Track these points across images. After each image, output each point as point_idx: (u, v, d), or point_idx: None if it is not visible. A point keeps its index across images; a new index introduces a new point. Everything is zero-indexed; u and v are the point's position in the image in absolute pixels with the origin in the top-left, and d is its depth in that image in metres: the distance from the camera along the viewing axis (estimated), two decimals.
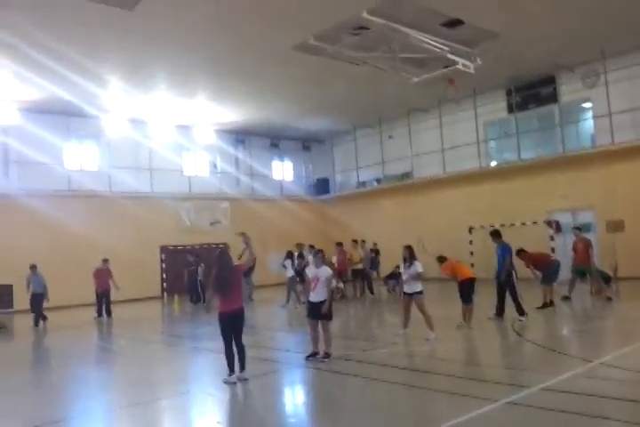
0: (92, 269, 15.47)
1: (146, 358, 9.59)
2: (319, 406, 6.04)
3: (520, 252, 11.70)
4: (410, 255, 9.48)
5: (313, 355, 7.93)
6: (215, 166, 24.05)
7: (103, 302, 15.14)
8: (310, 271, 8.11)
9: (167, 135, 21.82)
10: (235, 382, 6.82)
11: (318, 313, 7.90)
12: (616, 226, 15.06)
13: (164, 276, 21.40)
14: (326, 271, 8.01)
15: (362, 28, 13.57)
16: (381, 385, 6.58)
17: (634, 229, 15.32)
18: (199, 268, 17.65)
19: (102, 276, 15.15)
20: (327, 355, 7.90)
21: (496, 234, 11.04)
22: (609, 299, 12.14)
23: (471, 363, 7.95)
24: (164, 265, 21.46)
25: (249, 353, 7.20)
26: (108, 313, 15.11)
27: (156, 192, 21.39)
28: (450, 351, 8.39)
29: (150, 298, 20.41)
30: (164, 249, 21.57)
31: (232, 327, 6.99)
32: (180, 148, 22.65)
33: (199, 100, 19.39)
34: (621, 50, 16.40)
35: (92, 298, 15.54)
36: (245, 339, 7.21)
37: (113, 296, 15.57)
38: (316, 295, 7.93)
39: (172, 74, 16.42)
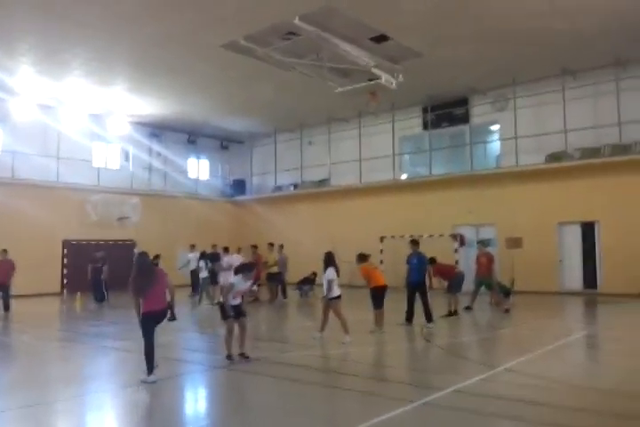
0: None
1: (51, 355, 9.12)
2: (233, 407, 6.01)
3: (432, 261, 12.30)
4: (325, 262, 9.68)
5: (229, 357, 7.89)
6: (127, 159, 23.16)
7: (0, 295, 14.08)
8: (240, 284, 8.02)
9: (78, 123, 20.77)
10: (155, 381, 6.66)
11: (239, 313, 7.92)
12: (515, 243, 16.21)
13: (65, 271, 20.26)
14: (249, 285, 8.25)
15: (293, 33, 13.73)
16: (298, 386, 6.68)
17: (530, 246, 16.57)
18: (105, 265, 16.87)
19: (2, 267, 14.08)
20: (245, 356, 7.91)
21: (415, 243, 11.58)
22: (507, 310, 13.02)
23: (385, 366, 8.26)
24: (65, 260, 20.31)
25: (162, 354, 7.04)
26: (6, 307, 14.07)
27: (61, 182, 20.27)
28: (364, 354, 8.67)
29: (49, 294, 19.24)
30: (66, 243, 20.43)
31: (155, 326, 6.87)
32: (92, 137, 21.60)
33: (116, 90, 18.64)
34: (531, 78, 17.77)
35: None
36: (158, 339, 7.06)
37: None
38: (236, 300, 7.98)
39: (89, 60, 15.69)
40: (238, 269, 8.15)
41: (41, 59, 15.48)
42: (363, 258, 10.76)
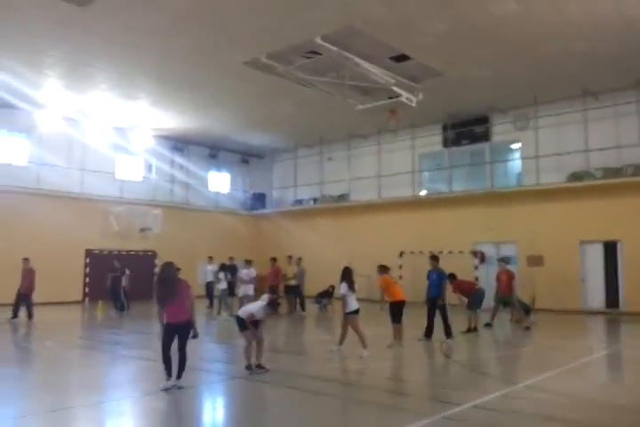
0: (11, 268, 14.67)
1: (73, 362, 9.26)
2: (251, 417, 6.06)
3: (451, 277, 12.28)
4: (341, 276, 9.72)
5: (249, 367, 7.96)
6: (150, 172, 23.56)
7: (21, 303, 14.34)
8: (258, 314, 8.06)
9: (103, 136, 21.20)
10: (171, 387, 6.75)
11: (257, 325, 8.02)
12: (536, 260, 16.08)
13: (88, 280, 20.54)
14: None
15: (314, 52, 13.97)
16: (316, 398, 6.71)
17: (551, 264, 16.42)
18: (124, 275, 17.05)
19: (24, 276, 14.38)
20: (262, 367, 7.97)
21: (435, 259, 11.60)
22: (527, 328, 12.91)
23: (403, 380, 8.25)
24: (87, 269, 20.61)
25: None
26: (30, 316, 14.30)
27: (85, 193, 20.66)
28: (382, 369, 8.66)
29: (71, 302, 19.52)
30: (89, 253, 20.76)
31: (176, 337, 6.98)
32: (115, 150, 22.04)
33: (140, 104, 19.04)
34: (552, 98, 17.78)
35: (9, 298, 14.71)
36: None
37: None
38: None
39: (115, 74, 16.04)
40: (269, 303, 8.18)
41: (66, 72, 15.89)
42: (383, 269, 10.82)
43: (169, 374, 6.86)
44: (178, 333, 6.99)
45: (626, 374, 8.96)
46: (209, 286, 18.13)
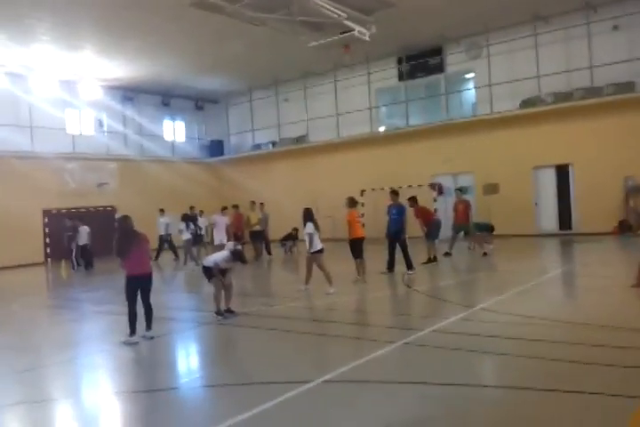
0: None
1: (43, 322, 9.32)
2: (226, 358, 6.32)
3: (412, 200, 12.59)
4: (303, 217, 9.89)
5: (219, 313, 8.16)
6: (102, 124, 22.82)
7: None
8: (222, 263, 8.11)
9: (49, 90, 20.33)
10: (137, 342, 6.89)
11: (224, 271, 8.16)
12: (492, 189, 16.55)
13: (48, 241, 20.27)
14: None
15: None
16: (287, 335, 7.01)
17: (506, 191, 16.93)
18: (78, 232, 16.79)
19: None
20: (231, 311, 8.20)
21: (396, 194, 11.85)
22: (485, 254, 13.46)
23: (369, 312, 8.64)
24: (47, 230, 20.29)
25: (153, 314, 7.24)
26: None
27: (37, 151, 19.95)
28: (348, 303, 9.03)
29: (34, 264, 19.33)
30: (46, 213, 20.35)
31: (140, 289, 7.07)
32: (64, 104, 21.18)
33: (85, 54, 18.21)
34: (503, 25, 17.67)
35: None
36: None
37: None
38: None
39: (56, 25, 15.28)
40: (232, 253, 8.19)
41: (5, 26, 15.04)
42: (353, 202, 10.93)
43: (133, 330, 6.93)
44: (141, 285, 7.07)
45: (578, 291, 9.53)
46: (161, 239, 17.96)
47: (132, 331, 6.96)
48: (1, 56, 17.55)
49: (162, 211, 18.44)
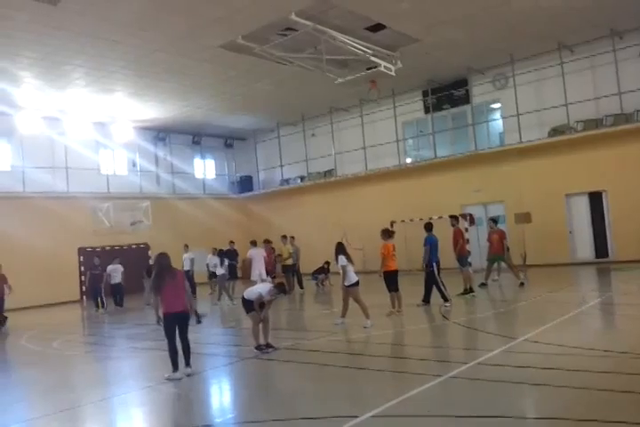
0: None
1: (84, 359, 9.40)
2: (265, 394, 6.25)
3: (454, 218, 12.87)
4: (335, 251, 9.91)
5: (259, 347, 8.15)
6: (134, 165, 23.46)
7: None
8: (265, 296, 8.18)
9: (84, 133, 21.06)
10: (180, 378, 6.88)
11: (261, 305, 8.19)
12: (524, 218, 16.32)
13: (83, 278, 20.59)
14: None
15: (290, 29, 13.89)
16: (327, 370, 6.92)
17: (539, 220, 16.70)
18: (106, 271, 16.50)
19: None
20: (271, 346, 8.18)
21: (428, 227, 11.79)
22: (522, 284, 13.23)
23: (408, 345, 8.48)
24: (82, 268, 20.65)
25: (192, 350, 7.23)
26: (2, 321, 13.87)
27: (72, 192, 20.57)
28: (387, 336, 8.91)
29: (69, 302, 19.64)
30: (82, 251, 20.78)
31: (177, 326, 7.09)
32: (98, 145, 21.91)
33: (117, 97, 18.90)
34: (528, 55, 17.84)
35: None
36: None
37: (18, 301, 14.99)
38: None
39: (91, 70, 15.93)
40: (276, 286, 8.29)
41: (43, 72, 15.77)
42: (389, 234, 10.81)
43: (176, 367, 6.95)
44: (177, 322, 7.09)
45: (620, 319, 9.26)
46: (187, 275, 17.85)
47: (175, 367, 6.98)
48: (38, 101, 18.31)
49: (186, 246, 18.67)
